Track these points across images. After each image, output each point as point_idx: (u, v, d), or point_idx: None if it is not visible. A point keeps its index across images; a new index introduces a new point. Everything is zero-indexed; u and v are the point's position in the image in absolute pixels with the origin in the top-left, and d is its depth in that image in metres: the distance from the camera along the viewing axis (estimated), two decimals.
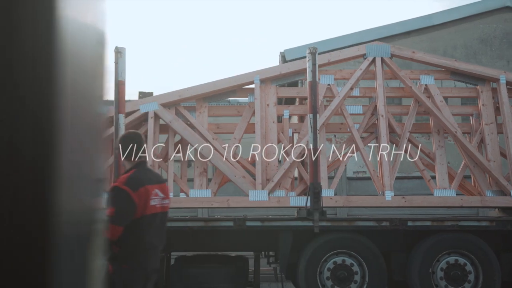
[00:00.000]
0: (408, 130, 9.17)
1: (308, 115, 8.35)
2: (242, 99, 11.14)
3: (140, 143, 4.88)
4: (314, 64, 8.38)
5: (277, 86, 9.41)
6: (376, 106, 9.19)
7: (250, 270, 8.90)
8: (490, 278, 8.10)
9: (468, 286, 8.05)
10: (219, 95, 9.49)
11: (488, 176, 8.97)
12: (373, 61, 9.33)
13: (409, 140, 9.20)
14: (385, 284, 8.13)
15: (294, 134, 9.59)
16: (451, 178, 9.08)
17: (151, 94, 9.70)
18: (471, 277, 8.10)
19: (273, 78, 9.35)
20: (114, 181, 4.59)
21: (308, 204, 8.21)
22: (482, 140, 9.13)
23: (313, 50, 8.39)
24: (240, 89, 9.42)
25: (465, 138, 9.12)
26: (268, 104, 9.24)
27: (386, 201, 8.69)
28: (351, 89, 9.31)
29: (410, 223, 8.18)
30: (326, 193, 8.54)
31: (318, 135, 8.43)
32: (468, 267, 8.11)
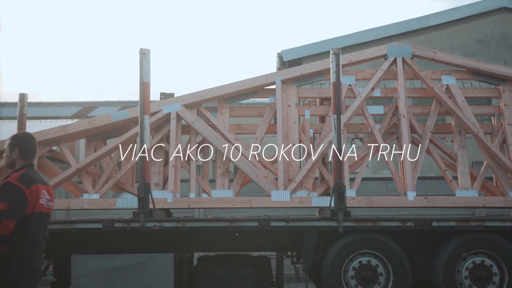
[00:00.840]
0: (430, 131, 9.19)
1: (332, 116, 8.37)
2: (260, 100, 11.17)
3: (35, 146, 5.26)
4: (338, 65, 8.41)
5: (298, 87, 9.44)
6: (397, 107, 9.22)
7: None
8: None
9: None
10: (241, 96, 9.53)
11: (511, 176, 8.99)
12: (394, 62, 9.36)
13: (431, 141, 9.22)
14: (410, 285, 8.15)
15: (315, 135, 9.64)
16: (473, 179, 9.10)
17: (172, 95, 9.70)
18: (496, 279, 8.11)
19: (294, 79, 9.39)
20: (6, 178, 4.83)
21: (332, 205, 8.24)
22: (504, 140, 9.14)
23: (337, 51, 8.42)
24: (261, 90, 9.46)
25: (487, 138, 9.14)
26: (289, 105, 9.29)
27: (409, 202, 8.72)
28: (372, 90, 9.33)
29: (435, 223, 8.19)
30: (348, 194, 8.58)
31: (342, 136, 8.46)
32: (494, 269, 8.12)
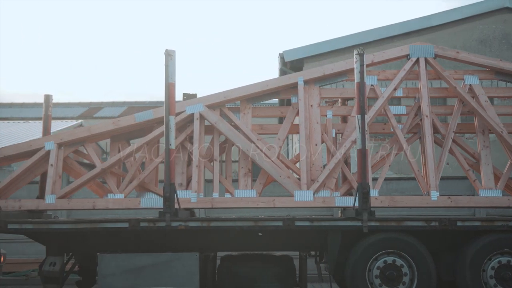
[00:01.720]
0: (453, 131, 9.20)
1: (356, 116, 8.40)
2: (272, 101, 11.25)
3: None
4: (362, 65, 8.43)
5: (320, 87, 9.48)
6: (420, 107, 9.24)
7: None
8: None
9: None
10: (263, 96, 9.59)
11: None
12: (417, 62, 9.38)
13: (454, 141, 9.23)
14: (434, 285, 8.16)
15: (337, 135, 9.67)
16: (496, 179, 9.09)
17: (195, 96, 9.78)
18: None
19: (317, 79, 9.42)
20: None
21: (356, 204, 8.27)
22: None
23: (361, 51, 8.45)
24: (284, 90, 9.50)
25: (511, 138, 9.13)
26: (312, 105, 9.32)
27: (432, 201, 8.72)
28: (395, 90, 9.35)
29: (460, 223, 8.20)
30: (371, 193, 8.60)
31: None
32: None
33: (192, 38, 60.95)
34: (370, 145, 8.86)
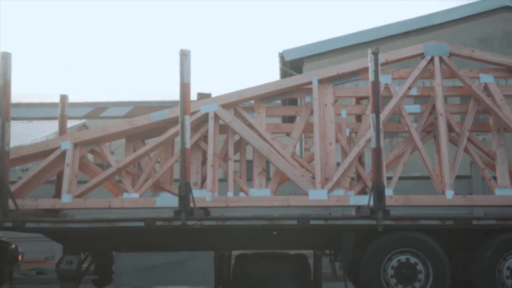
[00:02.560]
0: (468, 129, 9.18)
1: (371, 115, 8.41)
2: None
3: None
4: (377, 64, 8.44)
5: (334, 86, 9.49)
6: (435, 105, 9.23)
7: None
8: None
9: None
10: (277, 96, 9.62)
11: None
12: (431, 60, 9.37)
13: (469, 139, 9.21)
14: (450, 284, 8.16)
15: (351, 134, 9.68)
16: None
17: (209, 95, 9.82)
18: None
19: (331, 78, 9.43)
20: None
21: (371, 203, 8.28)
22: None
23: (376, 50, 8.46)
24: (298, 89, 9.52)
25: None
26: (326, 104, 9.33)
27: (447, 200, 8.71)
28: (409, 89, 9.35)
29: (475, 222, 8.20)
30: (386, 192, 8.60)
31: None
32: None
33: (192, 38, 60.92)
34: (386, 143, 8.88)
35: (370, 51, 8.50)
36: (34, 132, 8.35)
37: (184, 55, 8.47)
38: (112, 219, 8.72)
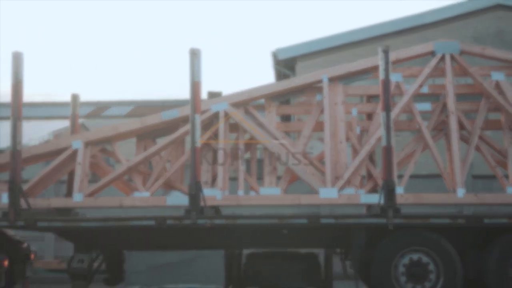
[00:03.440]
0: (479, 127, 9.14)
1: (381, 113, 8.39)
2: None
3: None
4: (387, 63, 8.43)
5: (345, 85, 9.47)
6: (446, 103, 9.19)
7: None
8: None
9: None
10: (288, 94, 9.61)
11: None
12: (442, 58, 9.33)
13: (480, 137, 9.17)
14: (461, 282, 8.12)
15: (362, 132, 9.65)
16: None
17: (220, 94, 9.84)
18: None
19: (341, 77, 9.42)
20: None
21: (381, 201, 8.26)
22: None
23: (386, 49, 8.44)
24: (309, 88, 9.52)
25: None
26: (336, 103, 9.32)
27: (458, 198, 8.68)
28: (420, 87, 9.31)
29: (487, 220, 8.16)
30: (397, 191, 8.58)
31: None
32: None
33: (191, 38, 60.81)
34: (398, 141, 8.85)
35: (380, 49, 8.48)
36: (30, 132, 8.41)
37: (194, 54, 8.49)
38: (123, 218, 8.76)
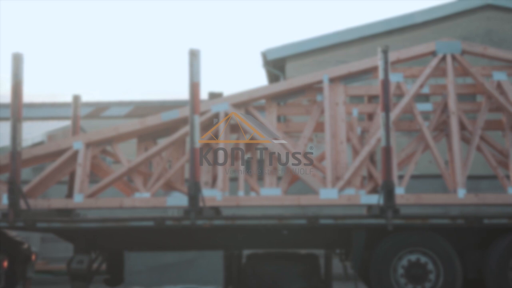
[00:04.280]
0: (480, 127, 9.10)
1: (381, 113, 8.37)
2: None
3: None
4: (386, 63, 8.41)
5: (345, 85, 9.44)
6: (447, 103, 9.15)
7: None
8: None
9: None
10: (288, 95, 9.60)
11: None
12: (443, 58, 9.29)
13: (481, 138, 9.12)
14: (461, 283, 8.09)
15: (363, 133, 9.62)
16: None
17: (221, 95, 9.85)
18: None
19: (342, 77, 9.40)
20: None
21: (381, 202, 8.24)
22: None
23: (385, 49, 8.42)
24: (310, 88, 9.50)
25: None
26: (337, 103, 9.30)
27: (459, 199, 8.64)
28: (421, 87, 9.28)
29: (486, 221, 8.12)
30: (397, 191, 8.56)
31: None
32: None
33: (192, 38, 60.61)
34: (401, 141, 8.83)
35: (380, 49, 8.46)
36: (24, 132, 8.45)
37: (193, 55, 8.49)
38: (122, 219, 8.77)
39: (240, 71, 61.28)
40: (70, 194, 9.54)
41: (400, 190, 8.71)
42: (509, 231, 8.19)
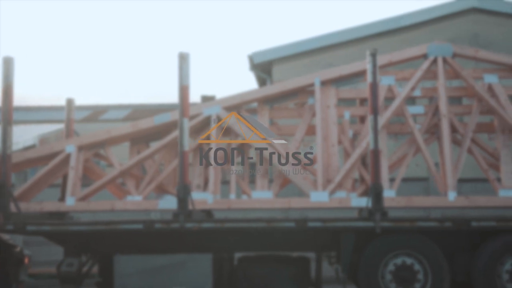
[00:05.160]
0: (471, 130, 9.08)
1: (369, 116, 8.37)
2: None
3: None
4: (375, 66, 8.41)
5: (337, 88, 9.44)
6: (438, 106, 9.14)
7: None
8: None
9: None
10: (280, 98, 9.61)
11: None
12: (435, 61, 9.28)
13: (472, 140, 9.11)
14: (449, 285, 8.08)
15: (356, 136, 9.62)
16: None
17: (213, 98, 9.86)
18: None
19: (333, 80, 9.40)
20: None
21: (369, 205, 8.23)
22: None
23: (374, 52, 8.42)
24: (302, 91, 9.51)
25: None
26: (329, 106, 9.31)
27: (449, 202, 8.63)
28: (412, 90, 9.27)
29: (474, 223, 8.10)
30: (388, 194, 8.56)
31: (379, 136, 8.45)
32: None
33: (189, 41, 60.51)
34: (390, 144, 8.82)
35: (368, 53, 8.46)
36: (15, 136, 8.49)
37: (183, 58, 8.52)
38: (112, 222, 8.80)
39: (233, 74, 61.33)
40: (63, 197, 9.57)
41: (391, 193, 8.70)
42: (498, 234, 8.17)
